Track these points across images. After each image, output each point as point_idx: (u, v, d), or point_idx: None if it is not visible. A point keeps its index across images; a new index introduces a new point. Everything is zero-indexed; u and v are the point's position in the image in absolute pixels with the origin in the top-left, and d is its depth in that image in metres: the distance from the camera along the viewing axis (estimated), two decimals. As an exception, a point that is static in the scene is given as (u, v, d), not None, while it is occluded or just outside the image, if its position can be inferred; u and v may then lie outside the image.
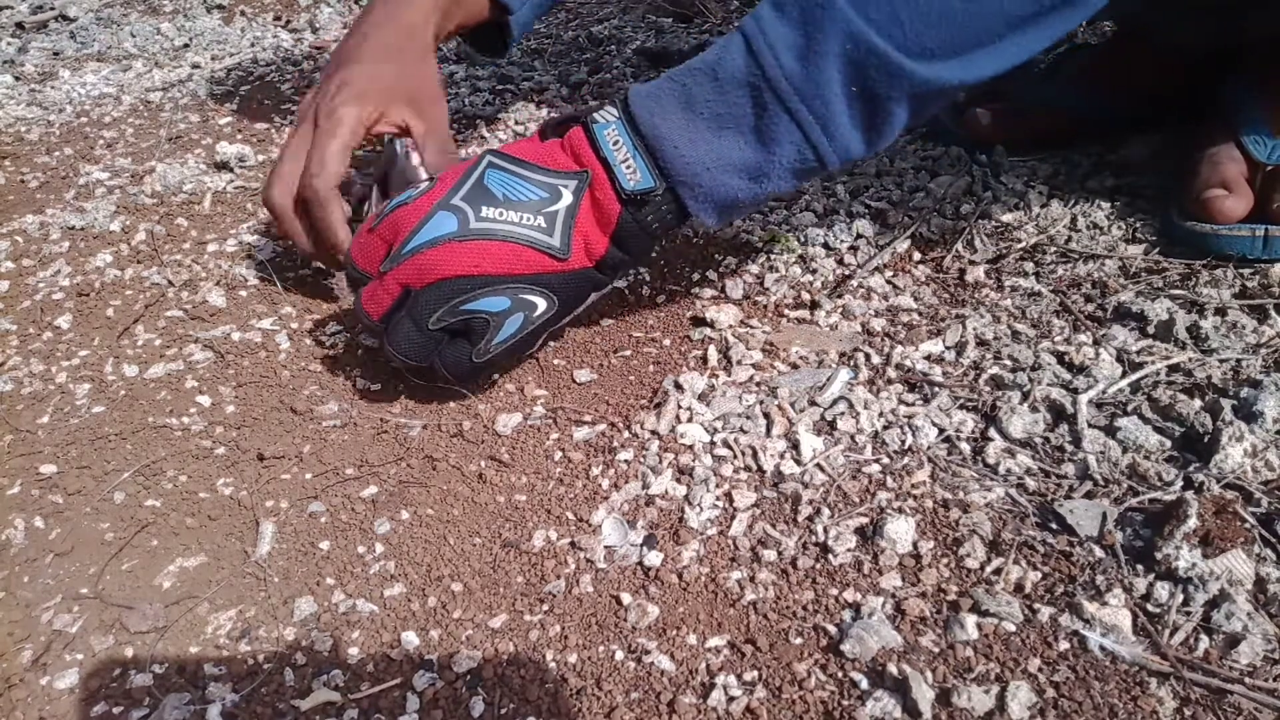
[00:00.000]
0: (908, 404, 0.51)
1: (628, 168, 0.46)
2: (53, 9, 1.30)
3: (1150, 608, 0.39)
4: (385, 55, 0.61)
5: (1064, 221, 0.66)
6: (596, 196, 0.47)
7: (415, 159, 0.60)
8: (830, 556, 0.43)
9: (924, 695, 0.36)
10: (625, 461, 0.49)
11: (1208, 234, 0.59)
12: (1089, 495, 0.44)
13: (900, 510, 0.44)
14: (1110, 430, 0.47)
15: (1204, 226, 0.59)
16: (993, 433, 0.48)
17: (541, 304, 0.48)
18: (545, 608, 0.42)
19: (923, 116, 0.48)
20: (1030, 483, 0.45)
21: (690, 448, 0.49)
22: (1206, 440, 0.45)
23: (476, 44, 0.74)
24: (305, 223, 0.59)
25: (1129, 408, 0.48)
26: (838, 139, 0.46)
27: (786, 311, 0.60)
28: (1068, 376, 0.51)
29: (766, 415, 0.51)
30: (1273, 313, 0.54)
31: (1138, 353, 0.52)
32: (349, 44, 0.63)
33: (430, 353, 0.49)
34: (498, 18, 0.69)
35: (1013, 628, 0.39)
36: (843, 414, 0.50)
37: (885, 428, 0.49)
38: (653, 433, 0.51)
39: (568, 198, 0.47)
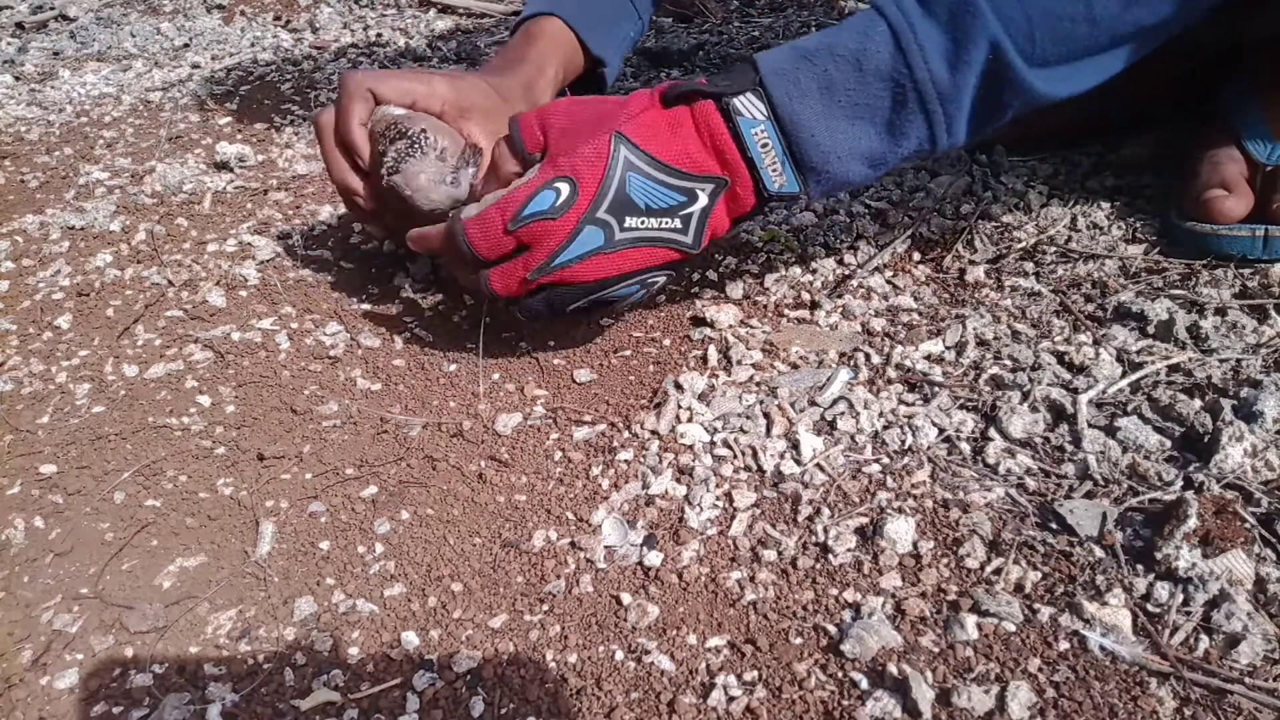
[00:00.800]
0: (908, 404, 0.51)
1: (774, 171, 0.47)
2: (53, 9, 1.30)
3: (1150, 608, 0.39)
4: (489, 84, 0.62)
5: (1064, 221, 0.66)
6: (738, 194, 0.48)
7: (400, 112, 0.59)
8: (830, 556, 0.43)
9: (924, 695, 0.36)
10: (625, 461, 0.49)
11: (1208, 234, 0.59)
12: (1089, 495, 0.44)
13: (900, 510, 0.44)
14: (1110, 430, 0.47)
15: (1204, 226, 0.59)
16: (993, 433, 0.48)
17: (662, 279, 0.52)
18: (545, 608, 0.42)
19: (1016, 119, 0.49)
20: (1030, 483, 0.45)
21: (690, 448, 0.49)
22: (1206, 440, 0.45)
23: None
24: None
25: (1129, 408, 0.48)
26: (953, 135, 0.48)
27: (786, 311, 0.60)
28: (1068, 376, 0.51)
29: (766, 415, 0.51)
30: (1272, 313, 0.54)
31: (1138, 353, 0.52)
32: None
33: (555, 317, 0.52)
34: (593, 69, 0.72)
35: (1013, 628, 0.39)
36: (843, 414, 0.50)
37: (885, 428, 0.49)
38: (653, 433, 0.51)
39: (703, 200, 0.48)
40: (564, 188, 0.47)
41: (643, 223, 0.48)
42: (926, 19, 0.45)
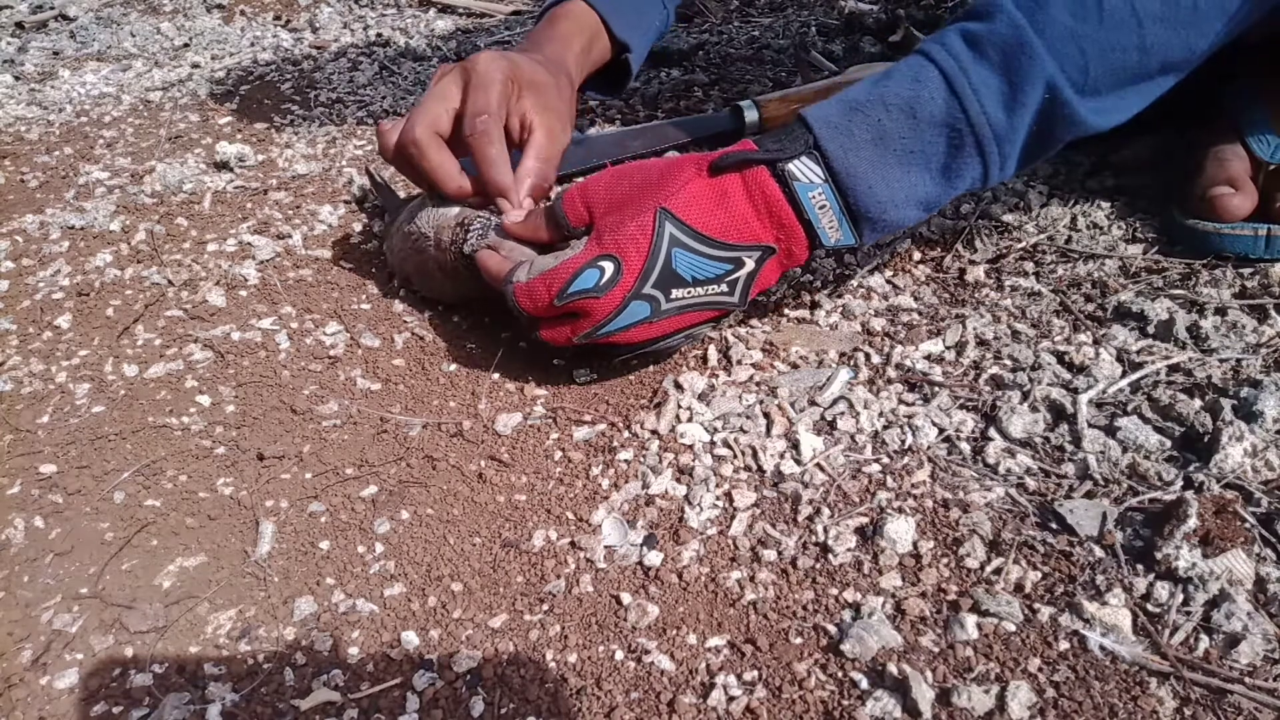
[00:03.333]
0: (908, 404, 0.51)
1: (831, 229, 0.47)
2: (52, 8, 1.30)
3: (1150, 607, 0.39)
4: (539, 61, 0.61)
5: (1064, 221, 0.66)
6: (793, 252, 0.48)
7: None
8: (830, 556, 0.43)
9: (924, 695, 0.36)
10: (625, 461, 0.49)
11: (1210, 233, 0.59)
12: (1089, 495, 0.44)
13: (900, 510, 0.44)
14: (1110, 430, 0.47)
15: (1207, 225, 0.59)
16: (993, 432, 0.48)
17: (706, 330, 0.53)
18: (545, 607, 0.42)
19: (1059, 151, 0.50)
20: (1030, 482, 0.45)
21: (690, 447, 0.49)
22: (1206, 440, 0.45)
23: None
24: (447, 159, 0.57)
25: (1129, 407, 0.48)
26: (1005, 172, 0.48)
27: (786, 311, 0.60)
28: (1068, 376, 0.51)
29: (766, 415, 0.51)
30: (1272, 312, 0.54)
31: (1138, 352, 0.52)
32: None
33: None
34: (618, 56, 0.71)
35: (1013, 627, 0.39)
36: (843, 414, 0.50)
37: (885, 427, 0.49)
38: (653, 432, 0.51)
39: (750, 266, 0.48)
40: (608, 266, 0.47)
41: (689, 293, 0.48)
42: (979, 62, 0.45)
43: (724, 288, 0.48)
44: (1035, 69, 0.44)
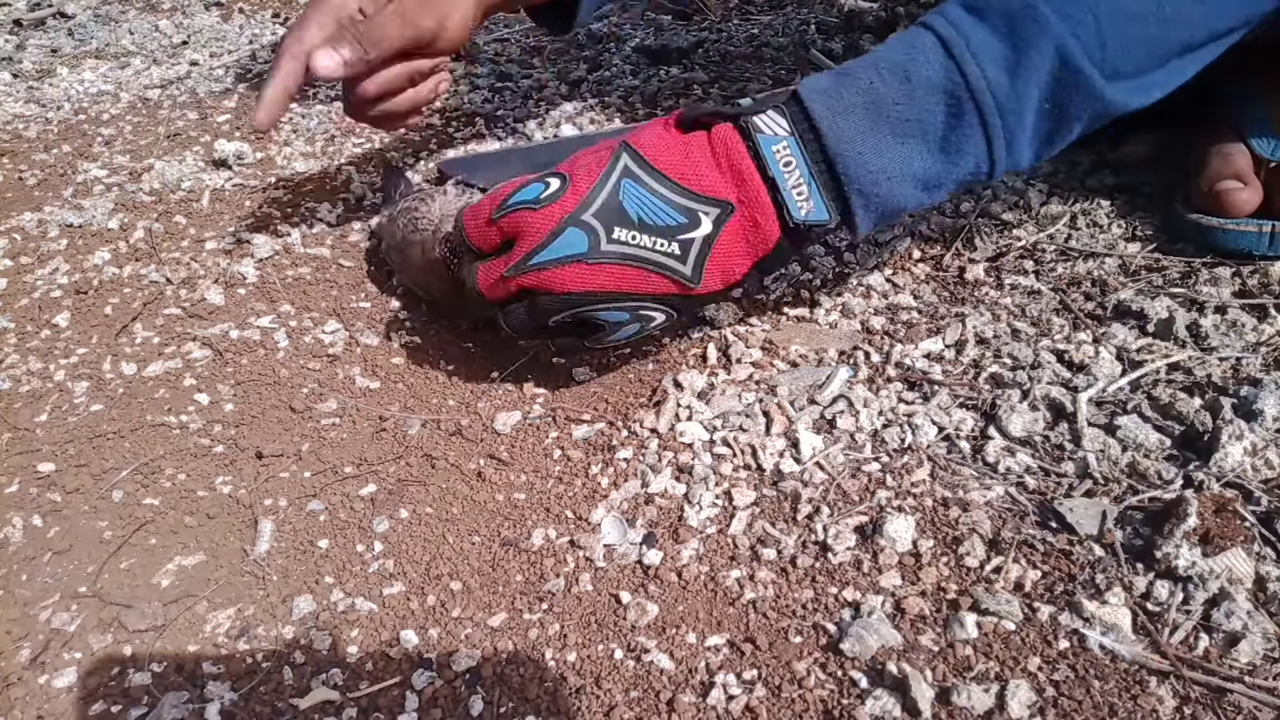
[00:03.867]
0: (907, 402, 0.51)
1: (799, 194, 0.43)
2: (50, 6, 1.30)
3: (1150, 606, 0.39)
4: None
5: (1064, 220, 0.66)
6: (757, 222, 0.43)
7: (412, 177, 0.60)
8: (830, 555, 0.43)
9: (923, 694, 0.36)
10: (624, 460, 0.49)
11: (1214, 228, 0.58)
12: (1089, 494, 0.44)
13: (900, 509, 0.44)
14: (1110, 429, 0.47)
15: (1211, 220, 0.59)
16: (992, 431, 0.48)
17: (659, 317, 0.47)
18: (544, 606, 0.42)
19: (1082, 137, 0.46)
20: (1030, 481, 0.45)
21: (689, 446, 0.49)
22: (1206, 439, 0.45)
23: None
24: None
25: (1129, 406, 0.48)
26: (1014, 154, 0.44)
27: (786, 309, 0.60)
28: (1067, 375, 0.51)
29: (766, 413, 0.51)
30: (1273, 311, 0.54)
31: (1137, 351, 0.52)
32: None
33: (543, 336, 0.49)
34: None
35: (1012, 626, 0.38)
36: (842, 412, 0.50)
37: (885, 426, 0.49)
38: (652, 431, 0.51)
39: (706, 226, 0.43)
40: (554, 182, 0.44)
41: (633, 237, 0.43)
42: (980, 25, 0.42)
43: (675, 248, 0.43)
44: (1042, 33, 0.41)
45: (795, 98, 0.44)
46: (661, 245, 0.43)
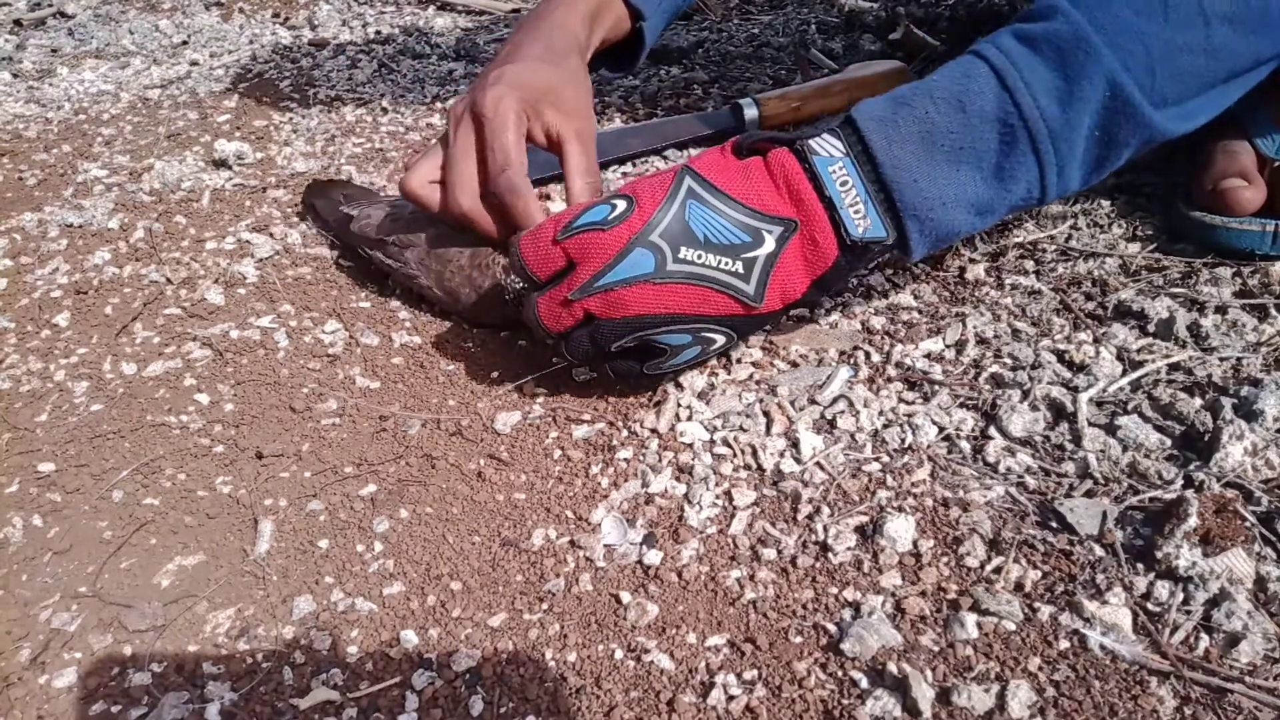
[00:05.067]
0: (908, 402, 0.51)
1: (856, 212, 0.44)
2: (51, 5, 1.30)
3: (1150, 606, 0.39)
4: (543, 57, 0.57)
5: (1064, 219, 0.66)
6: (816, 240, 0.44)
7: None
8: (830, 555, 0.43)
9: (924, 694, 0.36)
10: (625, 460, 0.49)
11: (1217, 226, 0.58)
12: (1089, 494, 0.44)
13: (900, 509, 0.44)
14: (1110, 429, 0.47)
15: (1214, 218, 0.59)
16: (993, 431, 0.48)
17: (720, 340, 0.47)
18: (544, 606, 0.42)
19: (1130, 161, 0.47)
20: (1030, 481, 0.45)
21: (690, 446, 0.49)
22: (1207, 439, 0.45)
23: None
24: (497, 218, 0.55)
25: (1129, 406, 0.48)
26: (1064, 179, 0.45)
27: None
28: (1068, 375, 0.51)
29: (766, 413, 0.51)
30: (1273, 311, 0.54)
31: (1138, 351, 0.52)
32: (507, 48, 0.59)
33: (603, 362, 0.48)
34: (633, 25, 0.66)
35: (1013, 626, 0.38)
36: (842, 412, 0.50)
37: (885, 426, 0.49)
38: (652, 431, 0.51)
39: (769, 245, 0.44)
40: (620, 204, 0.45)
41: (699, 256, 0.44)
42: (1032, 56, 0.43)
43: (739, 266, 0.44)
44: (1094, 64, 0.42)
45: (850, 123, 0.45)
46: (726, 264, 0.44)
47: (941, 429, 0.49)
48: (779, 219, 0.44)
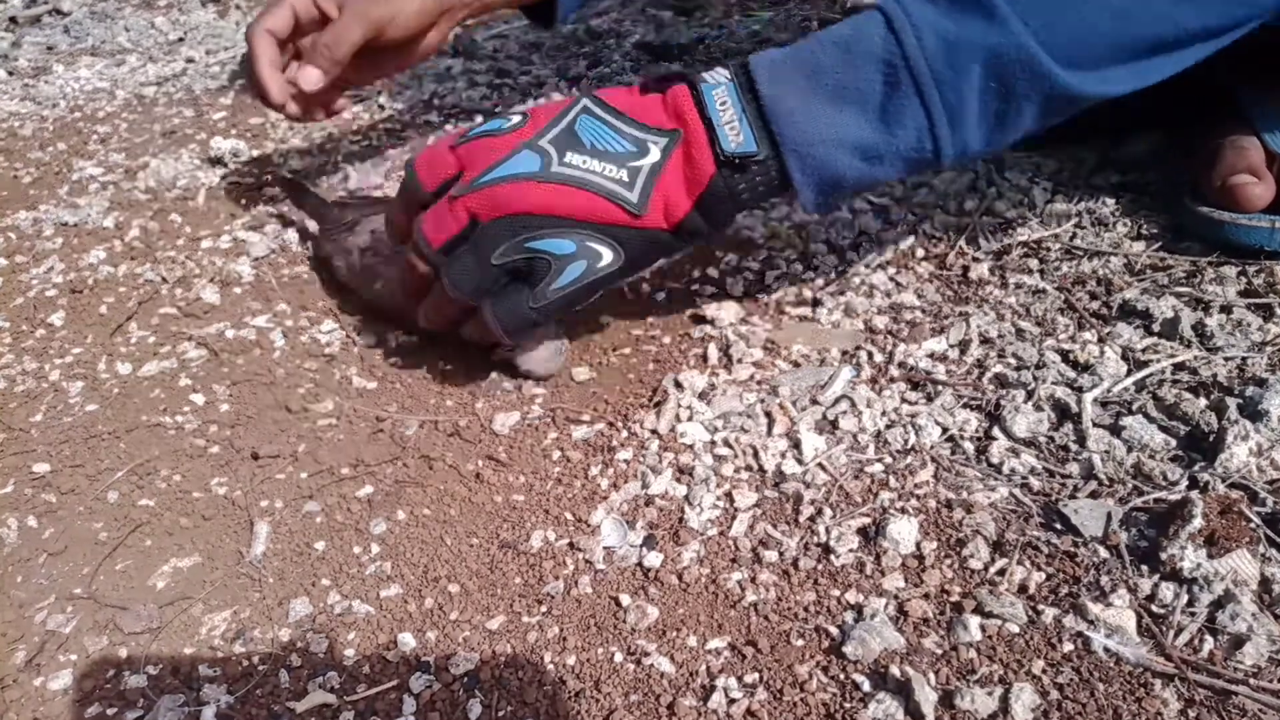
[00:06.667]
0: (911, 403, 0.51)
1: (731, 129, 0.45)
2: (46, 3, 1.29)
3: (1155, 608, 0.38)
4: None
5: (1068, 218, 0.65)
6: (692, 155, 0.45)
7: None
8: (832, 557, 0.42)
9: (927, 697, 0.35)
10: (624, 461, 0.49)
11: (1225, 222, 0.58)
12: (1094, 495, 0.43)
13: (903, 510, 0.44)
14: (1115, 429, 0.47)
15: (1222, 214, 0.58)
16: (996, 432, 0.48)
17: (608, 255, 0.47)
18: (543, 609, 0.41)
19: (1043, 125, 0.46)
20: (1034, 482, 0.45)
21: (690, 447, 0.49)
22: (1212, 439, 0.45)
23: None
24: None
25: (1134, 406, 0.48)
26: (960, 133, 0.44)
27: (788, 309, 0.60)
28: (1072, 375, 0.51)
29: (768, 414, 0.50)
30: (1278, 310, 0.54)
31: (1143, 351, 0.52)
32: None
33: (486, 292, 0.48)
34: None
35: (1016, 629, 0.38)
36: (845, 413, 0.50)
37: (888, 427, 0.49)
38: (652, 432, 0.50)
39: (654, 154, 0.45)
40: (515, 118, 0.48)
41: (584, 162, 0.45)
42: (925, 3, 0.43)
43: (624, 175, 0.45)
44: (985, 10, 0.42)
45: (744, 65, 0.46)
46: (611, 171, 0.45)
47: (945, 429, 0.48)
48: (664, 131, 0.46)
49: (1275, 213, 0.57)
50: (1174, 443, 0.46)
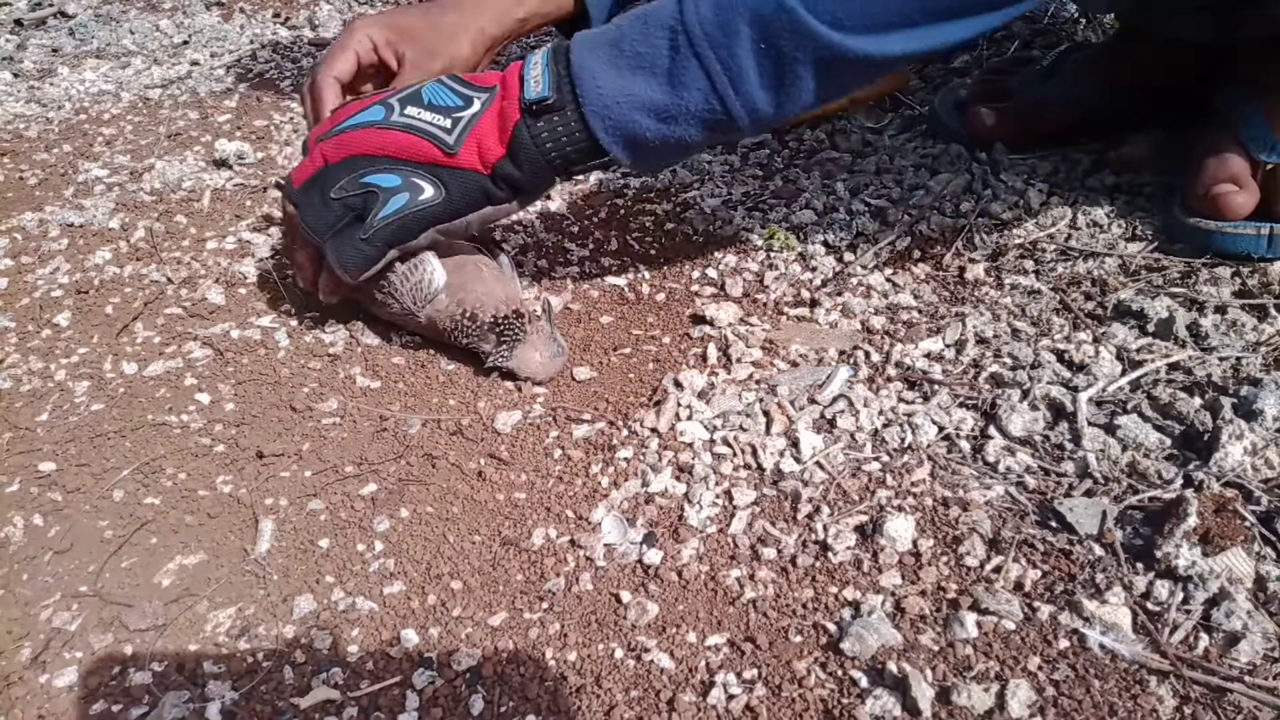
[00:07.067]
0: (907, 402, 0.51)
1: (535, 82, 0.50)
2: (51, 5, 1.30)
3: (1150, 606, 0.39)
4: (429, 10, 0.65)
5: (1064, 219, 0.66)
6: (503, 106, 0.51)
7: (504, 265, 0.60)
8: (830, 554, 0.43)
9: (924, 693, 0.36)
10: (625, 459, 0.49)
11: (1212, 231, 0.59)
12: (1089, 493, 0.44)
13: (900, 508, 0.44)
14: (1110, 428, 0.47)
15: (1209, 223, 0.59)
16: (992, 431, 0.48)
17: (429, 190, 0.52)
18: (545, 606, 0.42)
19: (836, 89, 0.50)
20: (1030, 481, 0.45)
21: (690, 445, 0.49)
22: (1206, 438, 0.45)
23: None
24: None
25: (1129, 406, 0.48)
26: (744, 94, 0.48)
27: (786, 309, 0.60)
28: (1067, 374, 0.51)
29: (766, 413, 0.51)
30: (1272, 311, 0.54)
31: (1138, 351, 0.52)
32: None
33: (331, 227, 0.53)
34: (577, 11, 0.71)
35: (1012, 626, 0.39)
36: (842, 412, 0.50)
37: (885, 426, 0.49)
38: (652, 430, 0.51)
39: (476, 106, 0.52)
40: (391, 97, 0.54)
41: (419, 114, 0.51)
42: None
43: (448, 123, 0.51)
44: None
45: (568, 44, 0.51)
46: (438, 120, 0.52)
47: (941, 428, 0.49)
48: (487, 88, 0.52)
49: (1262, 219, 0.57)
50: (1169, 442, 0.46)
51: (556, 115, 0.49)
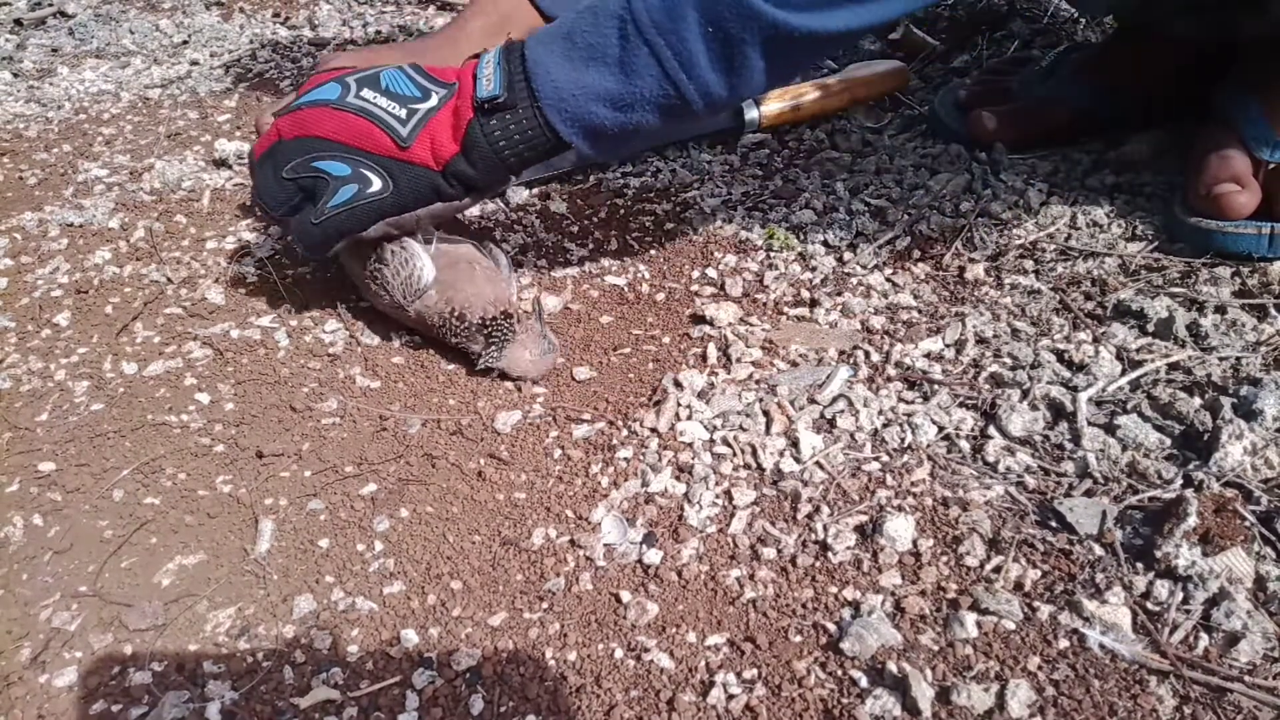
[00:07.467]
0: (907, 402, 0.51)
1: (487, 81, 0.50)
2: (51, 5, 1.30)
3: (1150, 606, 0.39)
4: (401, 47, 0.66)
5: (1064, 219, 0.66)
6: (458, 104, 0.51)
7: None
8: (830, 554, 0.43)
9: (923, 693, 0.36)
10: (625, 459, 0.49)
11: (1213, 231, 0.58)
12: (1089, 493, 0.44)
13: (900, 508, 0.44)
14: (1110, 428, 0.47)
15: (1210, 223, 0.59)
16: (992, 430, 0.48)
17: (377, 183, 0.52)
18: (545, 605, 0.42)
19: (787, 67, 0.50)
20: (1030, 481, 0.45)
21: (690, 445, 0.49)
22: (1206, 438, 0.45)
23: None
24: None
25: (1129, 406, 0.48)
26: (696, 78, 0.48)
27: (786, 309, 0.60)
28: (1067, 374, 0.51)
29: (766, 413, 0.51)
30: (1272, 311, 0.54)
31: (1137, 351, 0.52)
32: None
33: (284, 204, 0.54)
34: None
35: (1012, 626, 0.39)
36: (842, 412, 0.50)
37: (885, 425, 0.49)
38: (652, 430, 0.51)
39: (433, 100, 0.52)
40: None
41: (375, 98, 0.51)
42: None
43: (404, 113, 0.51)
44: None
45: (522, 42, 0.52)
46: (394, 109, 0.51)
47: (941, 428, 0.49)
48: (446, 84, 0.52)
49: (1263, 219, 0.57)
50: (1169, 442, 0.46)
51: (509, 113, 0.50)
